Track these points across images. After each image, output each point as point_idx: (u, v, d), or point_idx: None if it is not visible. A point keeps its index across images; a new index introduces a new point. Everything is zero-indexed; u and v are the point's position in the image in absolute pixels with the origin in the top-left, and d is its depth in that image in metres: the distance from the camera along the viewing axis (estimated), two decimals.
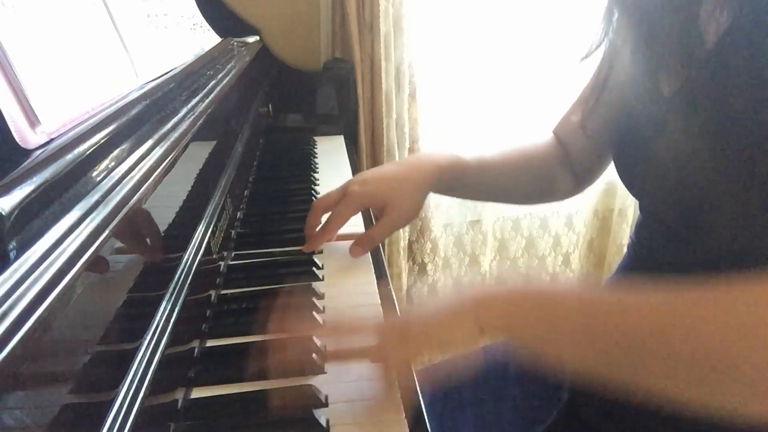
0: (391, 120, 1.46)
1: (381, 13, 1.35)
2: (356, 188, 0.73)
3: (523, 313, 0.47)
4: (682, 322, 0.42)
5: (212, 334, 0.61)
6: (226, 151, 0.85)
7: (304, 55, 1.47)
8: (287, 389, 0.53)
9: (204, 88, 0.73)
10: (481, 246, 1.72)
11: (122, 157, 0.44)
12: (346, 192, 0.74)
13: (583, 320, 0.46)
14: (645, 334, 0.43)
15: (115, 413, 0.37)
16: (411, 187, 0.73)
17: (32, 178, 0.32)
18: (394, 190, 0.73)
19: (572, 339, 0.46)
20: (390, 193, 0.73)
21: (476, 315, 0.48)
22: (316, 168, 1.14)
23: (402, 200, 0.73)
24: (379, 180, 0.74)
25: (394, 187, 0.73)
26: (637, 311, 0.44)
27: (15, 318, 0.26)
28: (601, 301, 0.46)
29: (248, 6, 1.40)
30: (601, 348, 0.45)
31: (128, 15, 0.66)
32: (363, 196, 0.73)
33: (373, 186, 0.74)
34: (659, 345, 0.42)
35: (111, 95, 0.51)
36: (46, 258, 0.30)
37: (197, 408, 0.52)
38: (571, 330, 0.46)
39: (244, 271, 0.75)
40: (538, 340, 0.47)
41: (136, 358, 0.42)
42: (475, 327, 0.48)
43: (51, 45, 0.46)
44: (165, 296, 0.50)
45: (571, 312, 0.46)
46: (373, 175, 0.76)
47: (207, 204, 0.68)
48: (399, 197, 0.72)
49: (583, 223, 1.79)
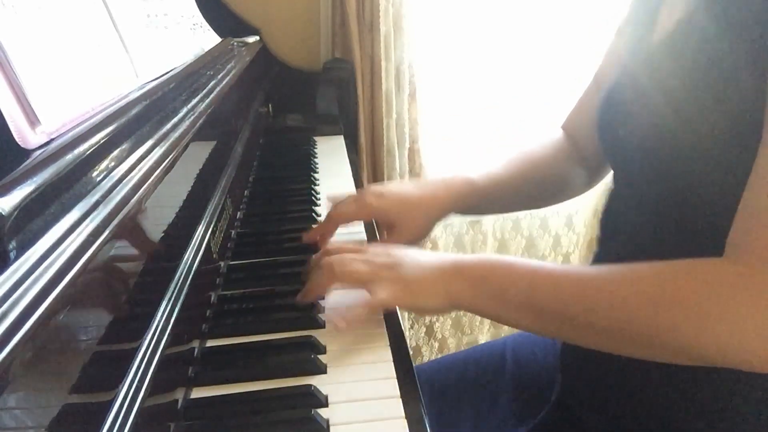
0: (391, 120, 1.45)
1: (381, 13, 1.35)
2: (372, 200, 0.75)
3: (481, 290, 0.57)
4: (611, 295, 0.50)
5: (212, 334, 0.61)
6: (226, 151, 0.85)
7: (304, 55, 1.47)
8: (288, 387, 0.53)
9: (204, 88, 0.73)
10: (481, 246, 1.72)
11: (122, 157, 0.44)
12: (360, 199, 0.76)
13: (526, 286, 0.55)
14: (576, 305, 0.52)
15: (115, 413, 0.37)
16: (423, 211, 0.76)
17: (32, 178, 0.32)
18: (407, 212, 0.75)
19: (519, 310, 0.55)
20: (402, 214, 0.75)
21: (447, 288, 0.57)
22: (316, 168, 1.14)
23: (411, 223, 0.75)
24: (395, 198, 0.76)
25: (407, 209, 0.75)
26: (571, 283, 0.53)
27: (15, 318, 0.26)
28: (543, 270, 0.55)
29: (248, 6, 1.40)
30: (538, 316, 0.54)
31: (128, 15, 0.66)
32: (376, 210, 0.76)
33: (388, 203, 0.75)
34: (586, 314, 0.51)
35: (111, 95, 0.51)
36: (46, 258, 0.30)
37: (197, 408, 0.52)
38: (517, 300, 0.55)
39: (244, 271, 0.75)
40: (493, 311, 0.57)
41: (136, 358, 0.42)
42: (446, 299, 0.58)
43: (51, 45, 0.46)
44: (165, 296, 0.50)
45: (519, 280, 0.55)
46: (390, 191, 0.77)
47: (207, 204, 0.68)
48: (409, 220, 0.75)
49: (583, 223, 1.79)
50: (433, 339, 1.75)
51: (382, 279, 0.59)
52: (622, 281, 0.51)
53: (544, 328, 0.57)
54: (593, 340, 0.54)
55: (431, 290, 0.58)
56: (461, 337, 1.79)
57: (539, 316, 0.55)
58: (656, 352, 0.50)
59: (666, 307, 0.47)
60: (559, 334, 0.60)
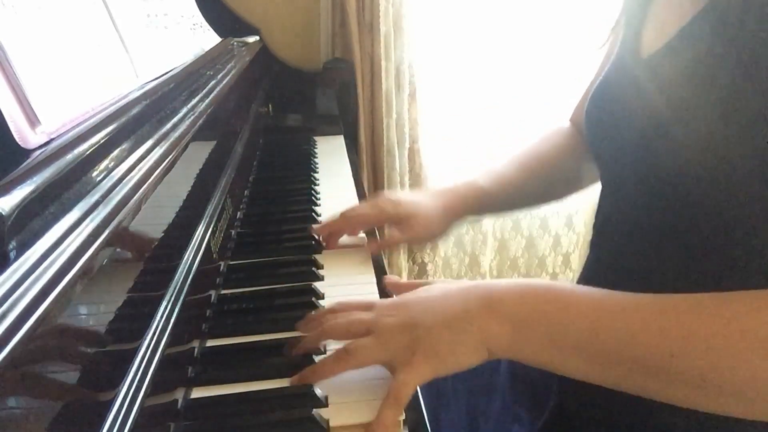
0: (391, 120, 1.45)
1: (381, 13, 1.35)
2: (389, 207, 0.77)
3: (525, 333, 0.47)
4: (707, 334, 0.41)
5: (212, 334, 0.61)
6: (226, 151, 0.85)
7: (304, 55, 1.47)
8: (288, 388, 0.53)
9: (204, 88, 0.73)
10: (481, 246, 1.72)
11: (122, 157, 0.44)
12: (377, 205, 0.77)
13: (587, 326, 0.45)
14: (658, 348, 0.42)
15: (115, 413, 0.37)
16: (437, 218, 0.77)
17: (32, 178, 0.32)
18: (422, 218, 0.76)
19: (577, 355, 0.46)
20: (415, 213, 0.76)
21: (483, 336, 0.48)
22: (316, 168, 1.14)
23: (425, 220, 0.76)
24: (410, 205, 0.78)
25: (422, 215, 0.76)
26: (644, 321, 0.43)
27: (15, 318, 0.26)
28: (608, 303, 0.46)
29: (248, 6, 1.40)
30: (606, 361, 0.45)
31: (128, 15, 0.66)
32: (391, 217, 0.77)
33: (403, 210, 0.77)
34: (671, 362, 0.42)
35: (111, 95, 0.51)
36: (46, 258, 0.30)
37: (197, 408, 0.51)
38: (575, 344, 0.45)
39: (245, 271, 0.75)
40: (543, 359, 0.47)
41: (136, 358, 0.42)
42: (484, 350, 0.48)
43: (51, 45, 0.46)
44: (165, 296, 0.50)
45: (577, 317, 0.46)
46: (406, 200, 0.79)
47: (207, 204, 0.68)
48: (423, 217, 0.76)
49: (583, 223, 1.79)
50: None
51: (398, 354, 0.49)
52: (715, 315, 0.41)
53: (609, 376, 0.46)
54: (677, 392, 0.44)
55: (463, 347, 0.48)
56: None
57: (605, 362, 0.45)
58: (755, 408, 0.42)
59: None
60: (627, 384, 0.46)
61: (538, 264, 1.79)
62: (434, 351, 0.48)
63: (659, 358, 0.42)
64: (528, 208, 0.90)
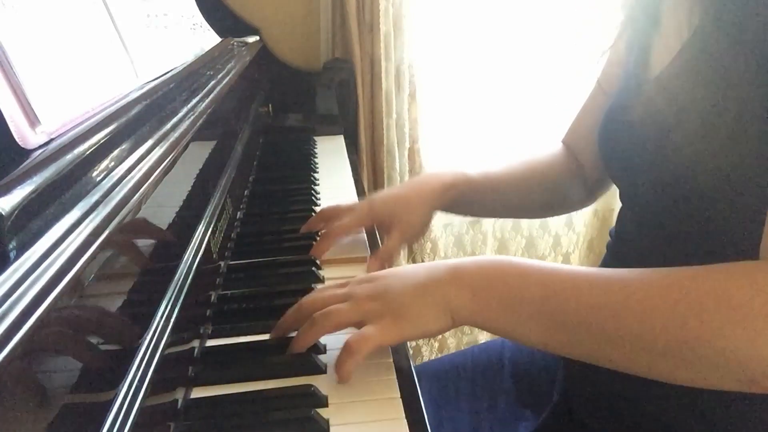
0: (391, 120, 1.45)
1: (381, 13, 1.35)
2: (365, 208, 0.76)
3: (485, 298, 0.50)
4: (645, 299, 0.44)
5: (212, 334, 0.61)
6: (226, 151, 0.85)
7: (304, 55, 1.47)
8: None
9: (204, 88, 0.73)
10: (481, 246, 1.72)
11: (122, 157, 0.44)
12: (353, 211, 0.77)
13: (540, 293, 0.48)
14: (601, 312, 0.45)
15: (115, 413, 0.37)
16: (418, 201, 0.76)
17: (32, 178, 0.32)
18: (402, 206, 0.75)
19: (532, 321, 0.48)
20: (398, 209, 0.75)
21: (447, 302, 0.51)
22: (316, 168, 1.14)
23: (410, 216, 0.75)
24: (387, 199, 0.77)
25: (401, 204, 0.76)
26: (594, 287, 0.46)
27: (15, 318, 0.26)
28: (560, 274, 0.49)
29: (248, 6, 1.40)
30: (556, 326, 0.48)
31: (128, 15, 0.66)
32: (371, 215, 0.76)
33: (381, 205, 0.76)
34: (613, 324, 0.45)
35: (111, 95, 0.51)
36: (46, 258, 0.30)
37: (197, 408, 0.51)
38: (529, 311, 0.48)
39: (245, 271, 0.75)
40: (501, 324, 0.50)
41: (136, 358, 0.42)
42: (447, 315, 0.51)
43: (51, 45, 0.46)
44: (165, 296, 0.50)
45: (532, 284, 0.49)
46: (381, 196, 0.78)
47: (207, 204, 0.68)
48: (407, 213, 0.75)
49: (583, 223, 1.79)
50: (433, 339, 1.75)
51: (369, 315, 0.52)
52: (656, 284, 0.44)
53: (561, 343, 0.49)
54: (620, 357, 0.46)
55: (428, 311, 0.51)
56: (461, 337, 1.79)
57: (556, 328, 0.47)
58: (700, 371, 0.43)
59: (712, 309, 0.41)
60: (579, 350, 0.49)
61: None
62: (401, 314, 0.51)
63: (605, 319, 0.45)
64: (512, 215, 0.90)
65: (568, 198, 0.82)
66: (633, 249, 0.63)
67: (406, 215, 0.75)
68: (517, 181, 0.80)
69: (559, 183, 0.80)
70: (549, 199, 0.82)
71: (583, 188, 0.80)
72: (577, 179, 0.79)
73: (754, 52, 0.45)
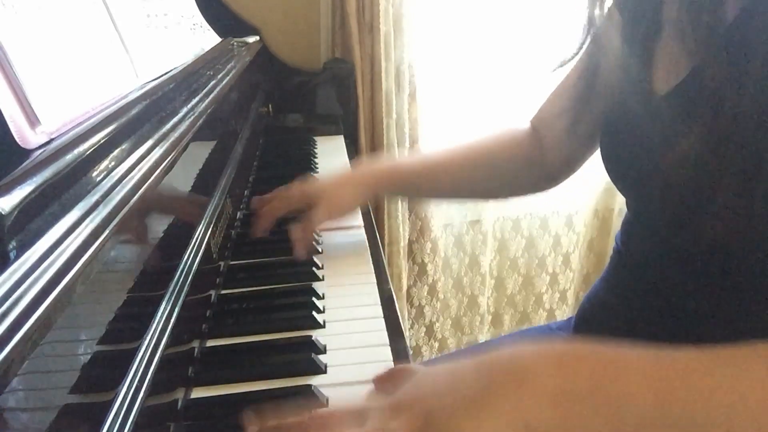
0: (391, 120, 1.45)
1: (381, 13, 1.35)
2: (298, 188, 0.81)
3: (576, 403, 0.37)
4: None
5: (212, 334, 0.61)
6: (226, 151, 0.85)
7: (304, 55, 1.47)
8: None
9: (204, 88, 0.73)
10: (481, 246, 1.72)
11: (122, 157, 0.44)
12: (283, 195, 0.81)
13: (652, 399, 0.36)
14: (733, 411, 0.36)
15: (115, 413, 0.37)
16: (344, 183, 0.81)
17: (32, 178, 0.32)
18: (332, 189, 0.79)
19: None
20: (328, 190, 0.79)
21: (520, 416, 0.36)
22: (316, 168, 1.14)
23: (333, 193, 0.79)
24: (320, 182, 0.82)
25: (331, 187, 0.80)
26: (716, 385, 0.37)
27: (15, 318, 0.26)
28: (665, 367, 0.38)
29: (248, 6, 1.40)
30: None
31: (128, 15, 0.66)
32: (303, 195, 0.80)
33: (312, 187, 0.81)
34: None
35: (111, 95, 0.51)
36: (46, 258, 0.30)
37: (197, 408, 0.52)
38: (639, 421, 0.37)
39: (244, 271, 0.75)
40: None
41: (136, 358, 0.42)
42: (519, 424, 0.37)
43: (51, 45, 0.46)
44: (165, 296, 0.50)
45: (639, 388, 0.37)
46: (315, 180, 0.84)
47: (207, 204, 0.68)
48: (330, 191, 0.79)
49: (583, 223, 1.79)
50: (433, 339, 1.75)
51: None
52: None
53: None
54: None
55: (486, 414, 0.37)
56: (461, 337, 1.79)
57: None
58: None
59: None
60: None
61: (538, 264, 1.79)
62: None
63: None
64: (457, 197, 0.90)
65: (521, 181, 0.82)
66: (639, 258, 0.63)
67: (336, 197, 0.79)
68: (462, 164, 0.81)
69: (512, 165, 0.80)
70: (500, 182, 0.83)
71: (539, 172, 0.79)
72: (532, 162, 0.79)
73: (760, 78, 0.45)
